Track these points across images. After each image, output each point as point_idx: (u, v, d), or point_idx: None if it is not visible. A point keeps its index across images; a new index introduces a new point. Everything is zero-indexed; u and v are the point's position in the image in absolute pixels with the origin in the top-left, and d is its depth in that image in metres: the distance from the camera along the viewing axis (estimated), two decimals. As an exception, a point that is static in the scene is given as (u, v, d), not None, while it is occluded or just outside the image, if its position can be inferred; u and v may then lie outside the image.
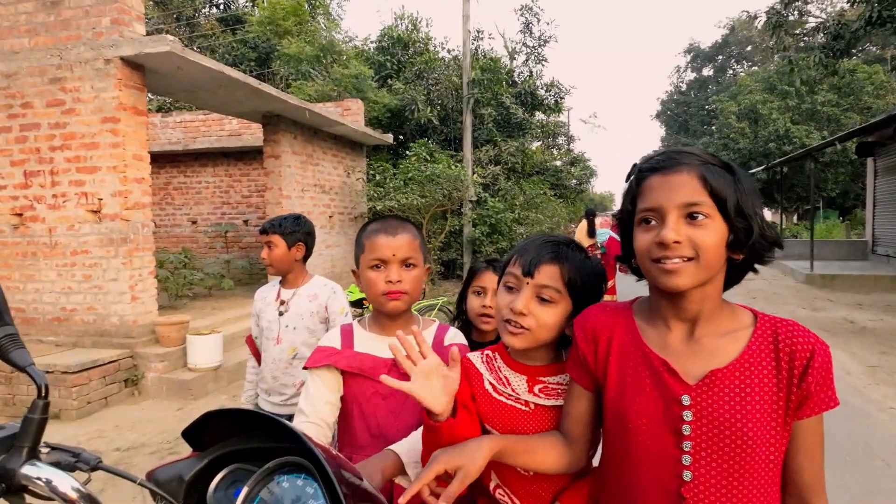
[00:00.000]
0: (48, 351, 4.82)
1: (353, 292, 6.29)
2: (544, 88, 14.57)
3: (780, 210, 19.15)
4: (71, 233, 4.99)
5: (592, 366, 0.97)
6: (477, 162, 12.63)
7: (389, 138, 10.33)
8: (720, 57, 35.24)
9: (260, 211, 9.92)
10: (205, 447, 0.84)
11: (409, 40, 14.43)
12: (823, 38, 10.54)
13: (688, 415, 0.85)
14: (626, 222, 0.93)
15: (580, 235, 9.20)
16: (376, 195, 9.67)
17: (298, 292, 2.19)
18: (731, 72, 34.96)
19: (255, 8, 17.11)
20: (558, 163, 16.73)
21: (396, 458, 1.10)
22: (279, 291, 2.22)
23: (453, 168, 10.14)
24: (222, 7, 18.49)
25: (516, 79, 14.64)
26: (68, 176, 4.98)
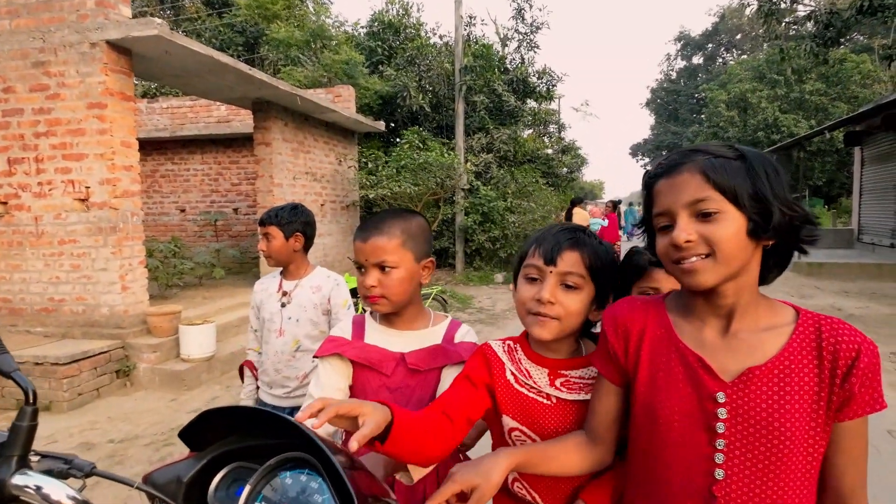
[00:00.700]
0: (37, 342, 4.73)
1: (350, 281, 6.27)
2: (536, 76, 14.48)
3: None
4: (58, 221, 4.88)
5: (623, 360, 0.96)
6: (469, 150, 12.56)
7: (381, 126, 10.22)
8: (710, 45, 35.30)
9: (250, 199, 9.80)
10: (203, 447, 0.82)
11: (401, 26, 14.23)
12: (814, 27, 10.56)
13: (722, 412, 0.84)
14: (649, 230, 0.92)
15: (581, 222, 9.24)
16: (368, 183, 9.59)
17: (301, 283, 2.15)
18: (720, 60, 35.07)
19: (242, -9, 16.72)
20: (550, 151, 16.72)
21: None
22: (281, 283, 2.18)
23: (446, 156, 10.07)
24: (208, -10, 18.05)
25: (508, 66, 14.54)
26: (54, 163, 4.85)
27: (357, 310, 1.94)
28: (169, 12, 16.88)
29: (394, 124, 12.91)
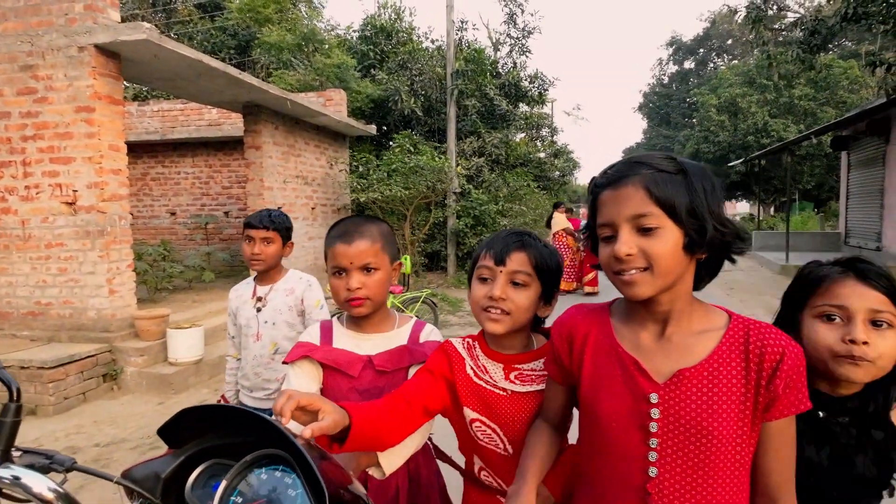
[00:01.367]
0: (23, 346, 4.71)
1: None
2: (528, 80, 14.57)
3: (757, 202, 19.52)
4: (45, 225, 4.87)
5: (567, 362, 1.02)
6: (461, 153, 12.60)
7: (372, 129, 10.25)
8: (702, 50, 35.55)
9: (241, 202, 9.78)
10: (181, 444, 0.85)
11: (393, 30, 14.26)
12: (801, 34, 10.69)
13: (655, 412, 0.88)
14: (593, 236, 0.96)
15: (558, 227, 9.36)
16: (360, 187, 9.61)
17: (276, 287, 2.18)
18: (711, 65, 35.32)
19: (235, -6, 16.72)
20: (542, 155, 16.76)
21: None
22: (255, 288, 2.21)
23: (437, 160, 10.10)
24: (200, -7, 18.03)
25: (500, 70, 14.60)
26: (41, 167, 4.84)
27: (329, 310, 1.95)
28: (161, 15, 16.83)
29: (385, 128, 12.93)
